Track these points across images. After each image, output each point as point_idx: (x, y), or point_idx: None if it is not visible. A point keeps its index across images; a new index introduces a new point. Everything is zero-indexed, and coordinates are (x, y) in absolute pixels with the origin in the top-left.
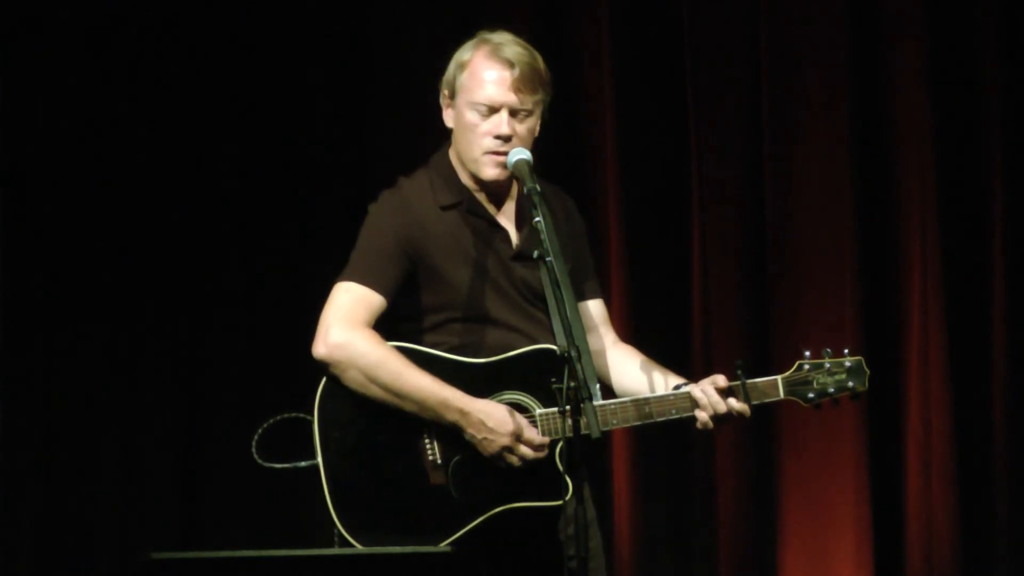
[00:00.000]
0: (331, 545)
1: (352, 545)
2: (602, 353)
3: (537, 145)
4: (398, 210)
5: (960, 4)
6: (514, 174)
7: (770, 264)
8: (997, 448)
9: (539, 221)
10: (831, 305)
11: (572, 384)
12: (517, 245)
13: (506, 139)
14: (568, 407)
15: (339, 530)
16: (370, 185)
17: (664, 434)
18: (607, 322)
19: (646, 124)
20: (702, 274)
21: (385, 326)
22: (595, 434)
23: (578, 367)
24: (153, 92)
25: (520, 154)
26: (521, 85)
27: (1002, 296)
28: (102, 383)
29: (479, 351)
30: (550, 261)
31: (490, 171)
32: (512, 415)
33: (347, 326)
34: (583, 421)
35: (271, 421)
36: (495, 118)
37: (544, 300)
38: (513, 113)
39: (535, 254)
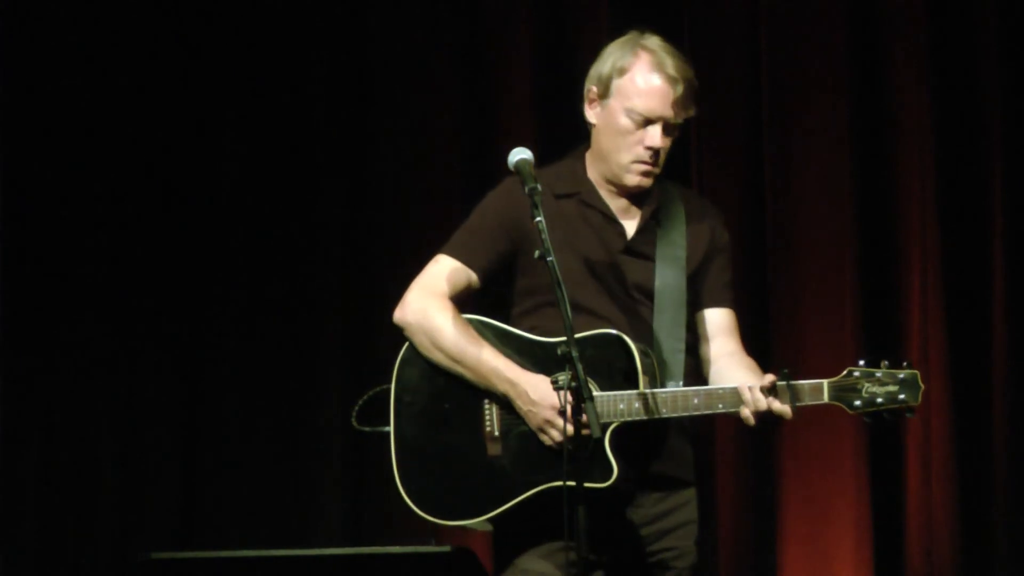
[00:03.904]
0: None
1: (414, 511)
2: (713, 361)
3: (537, 146)
4: (508, 193)
5: (960, 4)
6: (517, 172)
7: (770, 264)
8: (997, 448)
9: (540, 221)
10: (831, 305)
11: (573, 384)
12: (631, 240)
13: (656, 152)
14: (569, 406)
15: (402, 496)
16: (370, 182)
17: None
18: (729, 332)
19: None
20: None
21: (488, 313)
22: (596, 434)
23: (578, 367)
24: (153, 92)
25: (521, 153)
26: (681, 102)
27: (1002, 296)
28: (102, 383)
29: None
30: (551, 261)
31: (634, 179)
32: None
33: (425, 294)
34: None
35: (374, 390)
36: (650, 129)
37: (652, 297)
38: (664, 127)
39: (536, 254)
